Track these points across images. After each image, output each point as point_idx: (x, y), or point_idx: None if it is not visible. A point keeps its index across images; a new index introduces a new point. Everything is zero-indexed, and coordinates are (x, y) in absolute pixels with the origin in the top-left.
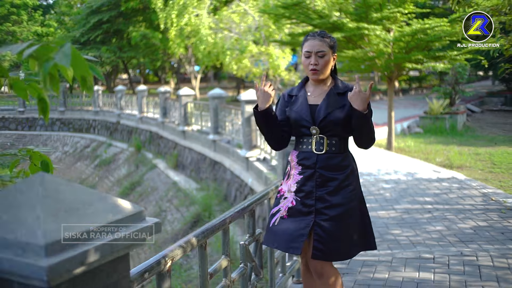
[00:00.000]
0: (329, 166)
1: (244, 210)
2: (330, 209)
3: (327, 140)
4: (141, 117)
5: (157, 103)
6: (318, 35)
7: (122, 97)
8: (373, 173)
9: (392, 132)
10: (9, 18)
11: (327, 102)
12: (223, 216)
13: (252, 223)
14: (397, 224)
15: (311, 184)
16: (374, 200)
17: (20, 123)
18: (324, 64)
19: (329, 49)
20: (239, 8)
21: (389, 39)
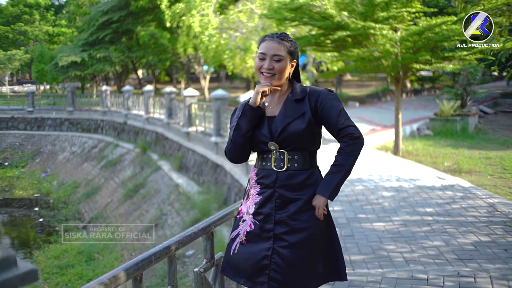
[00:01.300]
0: (290, 186)
1: (197, 234)
2: (290, 235)
3: (288, 155)
4: (148, 117)
5: (163, 104)
6: (277, 37)
7: (129, 97)
8: (374, 180)
9: (399, 135)
10: (22, 18)
11: (284, 112)
12: (169, 242)
13: (210, 246)
14: (392, 238)
15: (270, 206)
16: (371, 210)
17: (29, 123)
18: (279, 69)
19: (288, 54)
20: (246, 7)
21: (395, 38)
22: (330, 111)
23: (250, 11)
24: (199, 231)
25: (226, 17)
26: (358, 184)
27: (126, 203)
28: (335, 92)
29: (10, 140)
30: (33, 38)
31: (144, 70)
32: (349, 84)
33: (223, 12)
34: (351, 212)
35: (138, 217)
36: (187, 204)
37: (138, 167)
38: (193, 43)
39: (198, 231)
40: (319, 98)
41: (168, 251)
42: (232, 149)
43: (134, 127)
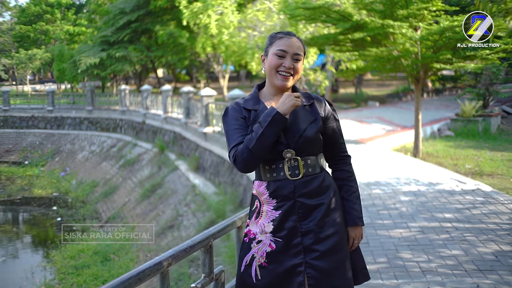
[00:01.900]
0: (309, 193)
1: (194, 248)
2: (320, 244)
3: (302, 161)
4: (166, 117)
5: (181, 103)
6: (293, 36)
7: (148, 97)
8: (392, 184)
9: (419, 136)
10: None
11: (297, 117)
12: (160, 257)
13: (208, 260)
14: (409, 247)
15: (293, 218)
16: (388, 216)
17: (49, 122)
18: (298, 70)
19: (303, 54)
20: (264, 6)
21: (415, 37)
22: (335, 131)
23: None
24: (196, 245)
25: (244, 16)
26: (375, 188)
27: (143, 203)
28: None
29: (30, 139)
30: (54, 37)
31: (164, 69)
32: (369, 84)
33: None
34: (367, 217)
35: (155, 218)
36: (203, 205)
37: (155, 167)
38: (211, 42)
39: (195, 244)
40: (326, 109)
41: (160, 268)
42: (250, 159)
43: (153, 127)
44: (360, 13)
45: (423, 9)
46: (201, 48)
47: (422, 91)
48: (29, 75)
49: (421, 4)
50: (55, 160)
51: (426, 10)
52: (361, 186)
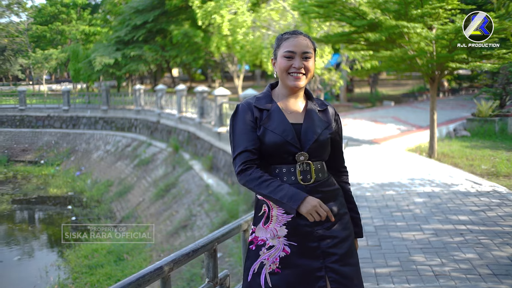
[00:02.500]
0: (322, 198)
1: (197, 252)
2: (337, 247)
3: (313, 166)
4: (180, 116)
5: (195, 103)
6: (300, 34)
7: (162, 96)
8: (406, 185)
9: (434, 136)
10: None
11: (312, 121)
12: (161, 262)
13: (213, 264)
14: (422, 250)
15: (308, 223)
16: (401, 218)
17: (64, 121)
18: (309, 68)
19: (313, 51)
20: (278, 5)
21: (430, 37)
22: (339, 143)
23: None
24: (200, 249)
25: (258, 15)
26: (388, 189)
27: (157, 203)
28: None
29: (46, 138)
30: (70, 37)
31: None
32: (385, 83)
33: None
34: (380, 219)
35: (168, 218)
36: (216, 205)
37: (170, 167)
38: (226, 42)
39: (198, 248)
40: (337, 119)
41: (160, 273)
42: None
43: (167, 126)
44: (375, 12)
45: (438, 8)
46: (215, 48)
47: (438, 91)
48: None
49: (436, 3)
50: (71, 160)
51: (441, 9)
52: (375, 187)
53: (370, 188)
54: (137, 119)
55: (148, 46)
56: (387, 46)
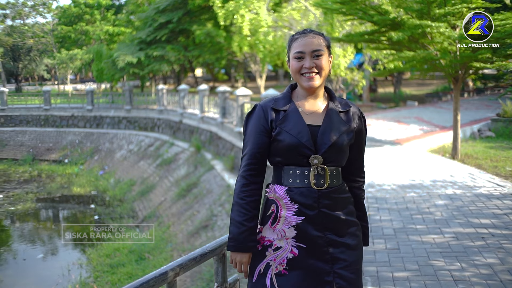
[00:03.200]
0: (333, 204)
1: (205, 257)
2: (347, 254)
3: (328, 171)
4: (202, 116)
5: (218, 103)
6: (309, 32)
7: (185, 96)
8: (427, 186)
9: (458, 137)
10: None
11: (331, 123)
12: (167, 267)
13: (221, 269)
14: (441, 254)
15: (318, 228)
16: (421, 221)
17: (88, 121)
18: (322, 66)
19: (326, 48)
20: (300, 5)
21: (454, 36)
22: (362, 147)
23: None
24: (208, 253)
25: (280, 15)
26: (409, 191)
27: (179, 203)
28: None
29: (70, 137)
30: (94, 37)
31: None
32: (409, 83)
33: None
34: (399, 222)
35: (190, 218)
36: None
37: (191, 166)
38: (248, 42)
39: (206, 253)
40: (360, 120)
41: (165, 278)
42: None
43: (189, 126)
44: (398, 11)
45: (462, 7)
46: (237, 48)
47: (463, 91)
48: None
49: (460, 2)
50: (94, 159)
51: (465, 7)
52: (395, 189)
53: (391, 190)
54: (160, 119)
55: (171, 46)
56: (410, 45)
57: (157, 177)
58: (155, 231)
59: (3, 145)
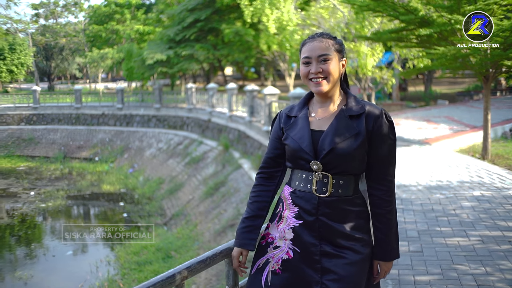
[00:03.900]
0: (334, 214)
1: (214, 260)
2: (340, 267)
3: (333, 179)
4: (231, 115)
5: (246, 102)
6: (318, 36)
7: (214, 95)
8: (454, 188)
9: (488, 137)
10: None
11: (335, 128)
12: (174, 270)
13: (232, 272)
14: (466, 257)
15: (313, 235)
16: (447, 223)
17: (118, 119)
18: (329, 71)
19: (335, 52)
20: (328, 3)
21: None
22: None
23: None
24: (217, 256)
25: (308, 13)
26: (436, 192)
27: (206, 201)
28: (392, 119)
29: (100, 136)
30: (125, 36)
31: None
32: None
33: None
34: (423, 223)
35: (216, 216)
36: None
37: (219, 165)
38: (276, 40)
39: (215, 255)
40: (377, 122)
41: (173, 281)
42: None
43: (218, 125)
44: (428, 8)
45: (493, 4)
46: (265, 46)
47: (495, 90)
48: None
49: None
50: (124, 157)
51: (496, 5)
52: (422, 190)
53: (417, 191)
54: (189, 117)
55: (200, 45)
56: (439, 43)
57: (186, 176)
58: (182, 229)
59: (35, 143)
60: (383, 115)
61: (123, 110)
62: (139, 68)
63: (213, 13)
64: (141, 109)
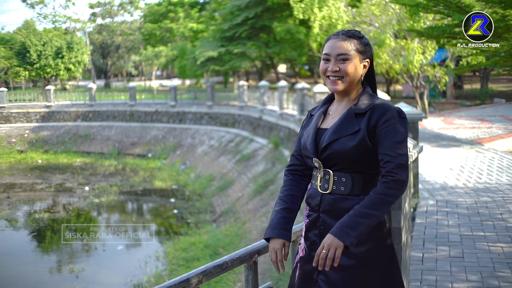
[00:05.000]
0: (335, 212)
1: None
2: (332, 271)
3: (334, 176)
4: (281, 113)
5: (296, 100)
6: (342, 34)
7: (265, 93)
8: (503, 191)
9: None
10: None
11: (336, 126)
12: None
13: (252, 277)
14: (509, 265)
15: (315, 232)
16: (492, 228)
17: (171, 117)
18: (346, 71)
19: (356, 53)
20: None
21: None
22: (386, 135)
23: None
24: (235, 261)
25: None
26: (483, 195)
27: (255, 199)
28: (405, 116)
29: (154, 132)
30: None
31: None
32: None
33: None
34: (467, 227)
35: (264, 214)
36: None
37: (269, 163)
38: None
39: (233, 260)
40: (382, 116)
41: (187, 285)
42: None
43: (269, 123)
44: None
45: None
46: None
47: None
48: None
49: None
50: (176, 154)
51: None
52: (468, 192)
53: (463, 193)
54: (240, 115)
55: (252, 43)
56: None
57: (236, 173)
58: (231, 226)
59: (91, 139)
60: (392, 110)
61: (176, 107)
62: (192, 66)
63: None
64: (194, 106)
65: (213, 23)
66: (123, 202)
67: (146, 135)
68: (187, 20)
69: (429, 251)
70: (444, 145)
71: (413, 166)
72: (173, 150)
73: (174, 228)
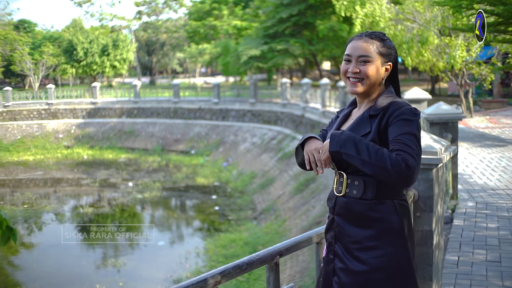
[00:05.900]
0: (348, 216)
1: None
2: (345, 273)
3: (347, 179)
4: (324, 111)
5: (338, 97)
6: (366, 36)
7: (308, 90)
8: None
9: None
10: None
11: (351, 128)
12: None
13: (273, 278)
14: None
15: (331, 234)
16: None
17: (214, 114)
18: (366, 73)
19: (378, 55)
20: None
21: None
22: (395, 129)
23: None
24: (256, 262)
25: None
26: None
27: (296, 197)
28: (418, 114)
29: (197, 129)
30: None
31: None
32: None
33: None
34: (507, 231)
35: (305, 213)
36: None
37: None
38: None
39: (253, 261)
40: (393, 114)
41: (204, 286)
42: None
43: (311, 120)
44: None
45: None
46: None
47: None
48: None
49: None
50: (219, 151)
51: None
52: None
53: (505, 195)
54: (282, 113)
55: (295, 40)
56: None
57: (277, 171)
58: (271, 224)
59: (135, 135)
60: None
61: (219, 104)
62: (235, 63)
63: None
64: (237, 103)
65: (257, 20)
66: (166, 198)
67: (190, 132)
68: (231, 17)
69: (465, 254)
70: (488, 145)
71: (452, 167)
72: (216, 147)
73: (215, 225)
